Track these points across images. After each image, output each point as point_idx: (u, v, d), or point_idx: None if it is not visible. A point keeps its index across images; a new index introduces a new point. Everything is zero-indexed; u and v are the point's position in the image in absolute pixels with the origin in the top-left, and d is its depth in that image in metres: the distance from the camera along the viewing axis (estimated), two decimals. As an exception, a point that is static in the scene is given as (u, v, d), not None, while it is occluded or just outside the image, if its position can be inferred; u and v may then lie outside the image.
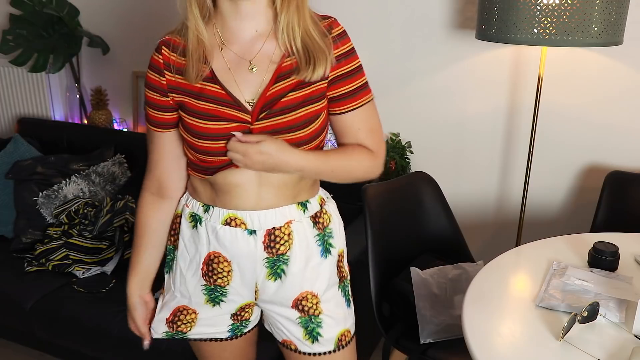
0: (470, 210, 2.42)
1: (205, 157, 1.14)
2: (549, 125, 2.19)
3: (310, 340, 1.25)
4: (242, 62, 1.13)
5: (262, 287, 1.23)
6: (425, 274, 1.71)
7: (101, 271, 2.21)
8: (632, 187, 1.93)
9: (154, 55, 1.15)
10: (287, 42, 1.10)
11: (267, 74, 1.11)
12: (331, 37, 1.13)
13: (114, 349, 1.91)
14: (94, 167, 2.54)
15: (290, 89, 1.11)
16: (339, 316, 1.28)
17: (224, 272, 1.21)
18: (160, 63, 1.14)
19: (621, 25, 1.73)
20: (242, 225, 1.17)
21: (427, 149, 2.41)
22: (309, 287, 1.23)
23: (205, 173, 1.18)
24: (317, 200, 1.25)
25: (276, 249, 1.19)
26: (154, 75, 1.15)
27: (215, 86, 1.11)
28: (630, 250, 1.54)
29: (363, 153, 1.19)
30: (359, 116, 1.18)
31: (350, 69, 1.15)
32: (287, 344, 1.29)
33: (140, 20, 2.82)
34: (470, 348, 1.16)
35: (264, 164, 1.09)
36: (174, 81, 1.14)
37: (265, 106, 1.11)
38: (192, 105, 1.13)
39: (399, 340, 1.71)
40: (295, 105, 1.11)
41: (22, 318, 2.07)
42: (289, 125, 1.11)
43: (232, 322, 1.29)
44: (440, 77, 2.31)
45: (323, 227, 1.24)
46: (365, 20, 2.36)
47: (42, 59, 2.78)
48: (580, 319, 1.19)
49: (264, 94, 1.11)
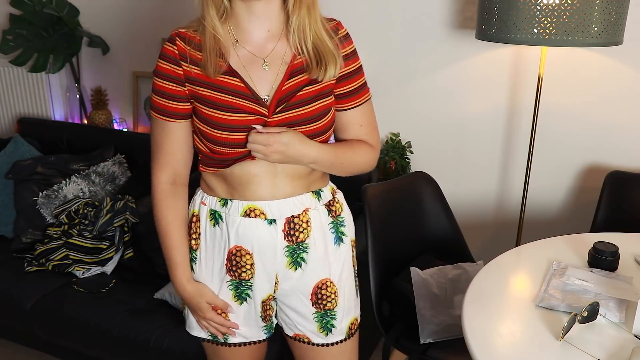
0: (470, 210, 2.41)
1: (222, 149, 1.16)
2: (549, 125, 2.19)
3: (324, 332, 1.30)
4: (255, 59, 1.16)
5: (282, 278, 1.25)
6: (425, 274, 1.71)
7: (101, 271, 2.21)
8: (632, 187, 1.93)
9: (168, 46, 1.16)
10: (297, 43, 1.15)
11: (280, 71, 1.16)
12: (337, 38, 1.19)
13: (114, 349, 1.91)
14: (94, 167, 2.54)
15: (304, 84, 1.16)
16: (351, 305, 1.33)
17: (247, 266, 1.23)
18: (175, 53, 1.15)
19: (621, 25, 1.73)
20: (261, 216, 1.20)
21: (427, 149, 2.41)
22: (328, 273, 1.27)
23: (220, 166, 1.19)
24: (329, 189, 1.30)
25: (296, 236, 1.22)
26: (169, 65, 1.16)
27: (235, 79, 1.14)
28: (630, 250, 1.54)
29: (366, 148, 1.27)
30: (361, 113, 1.26)
31: (353, 69, 1.22)
32: (300, 338, 1.32)
33: (140, 20, 2.82)
34: (470, 348, 1.16)
35: (284, 154, 1.13)
36: (192, 72, 1.15)
37: (281, 100, 1.15)
38: (211, 97, 1.15)
39: (399, 340, 1.71)
40: (310, 99, 1.17)
41: (22, 318, 2.07)
42: (305, 118, 1.16)
43: (265, 324, 1.32)
44: (440, 77, 2.31)
45: (336, 215, 1.29)
46: (365, 20, 2.36)
47: (42, 59, 2.78)
48: (580, 319, 1.19)
49: (279, 88, 1.15)
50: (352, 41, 1.22)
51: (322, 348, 1.31)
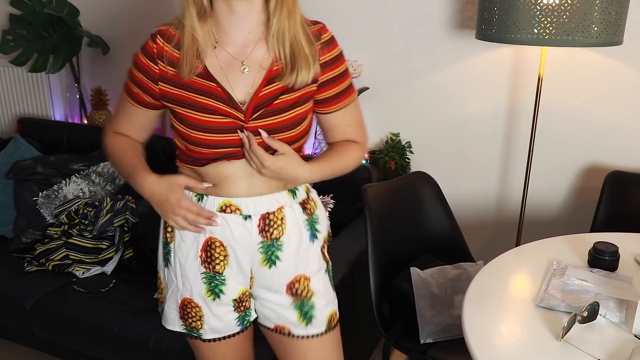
0: (470, 210, 2.42)
1: (198, 149, 1.17)
2: (549, 125, 2.19)
3: (304, 322, 1.30)
4: (234, 62, 1.16)
5: (256, 274, 1.27)
6: (425, 274, 1.71)
7: (101, 271, 2.21)
8: (632, 187, 1.93)
9: (149, 42, 1.18)
10: (276, 47, 1.15)
11: (258, 76, 1.16)
12: (320, 43, 1.18)
13: (114, 349, 1.91)
14: (94, 167, 2.54)
15: (280, 91, 1.16)
16: (329, 297, 1.34)
17: (220, 257, 1.24)
18: (154, 51, 1.17)
19: (621, 25, 1.73)
20: (237, 211, 1.21)
21: (427, 149, 2.41)
22: (302, 270, 1.28)
23: (195, 164, 1.21)
24: (303, 188, 1.31)
25: (270, 232, 1.23)
26: (147, 60, 1.18)
27: (211, 83, 1.15)
28: (630, 250, 1.54)
29: (354, 149, 1.28)
30: (347, 114, 1.26)
31: (338, 73, 1.22)
32: (280, 329, 1.32)
33: (140, 20, 2.82)
34: (470, 348, 1.16)
35: (277, 175, 1.16)
36: (167, 72, 1.16)
37: (258, 106, 1.15)
38: (187, 97, 1.15)
39: (399, 340, 1.71)
40: (287, 107, 1.17)
41: (22, 318, 2.07)
42: (282, 126, 1.17)
43: (237, 315, 1.31)
44: (440, 77, 2.31)
45: (311, 212, 1.30)
46: (365, 20, 2.36)
47: (42, 59, 2.77)
48: (580, 319, 1.19)
49: (256, 94, 1.15)
50: (337, 44, 1.21)
51: (303, 340, 1.31)
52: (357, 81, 2.40)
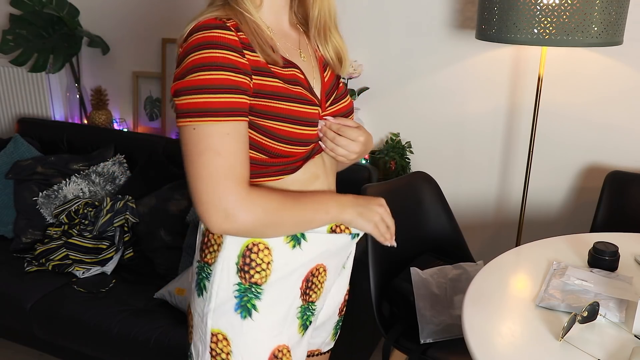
0: (470, 210, 2.41)
1: (294, 148, 0.99)
2: (549, 125, 2.19)
3: (333, 337, 1.27)
4: (293, 50, 1.05)
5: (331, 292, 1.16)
6: (425, 274, 1.71)
7: (101, 271, 2.21)
8: (632, 187, 1.93)
9: (225, 34, 0.91)
10: (316, 36, 1.09)
11: (314, 63, 1.08)
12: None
13: (114, 349, 1.91)
14: (94, 167, 2.54)
15: (334, 77, 1.12)
16: None
17: (318, 285, 1.08)
18: (236, 41, 0.92)
19: (621, 25, 1.73)
20: (346, 230, 1.05)
21: (427, 149, 2.41)
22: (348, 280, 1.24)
23: (284, 173, 1.01)
24: None
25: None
26: (232, 54, 0.91)
27: (295, 70, 1.01)
28: (630, 250, 1.54)
29: None
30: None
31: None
32: (311, 353, 1.24)
33: (140, 20, 2.82)
34: (470, 348, 1.16)
35: (366, 146, 1.08)
36: (259, 62, 0.95)
37: (328, 93, 1.08)
38: (281, 88, 0.97)
39: (399, 340, 1.71)
40: (343, 93, 1.13)
41: (22, 318, 2.07)
42: (345, 111, 1.12)
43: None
44: (440, 77, 2.31)
45: None
46: (365, 19, 2.36)
47: (42, 59, 2.77)
48: (580, 319, 1.18)
49: (322, 80, 1.08)
50: None
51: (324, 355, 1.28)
52: (357, 81, 2.40)
